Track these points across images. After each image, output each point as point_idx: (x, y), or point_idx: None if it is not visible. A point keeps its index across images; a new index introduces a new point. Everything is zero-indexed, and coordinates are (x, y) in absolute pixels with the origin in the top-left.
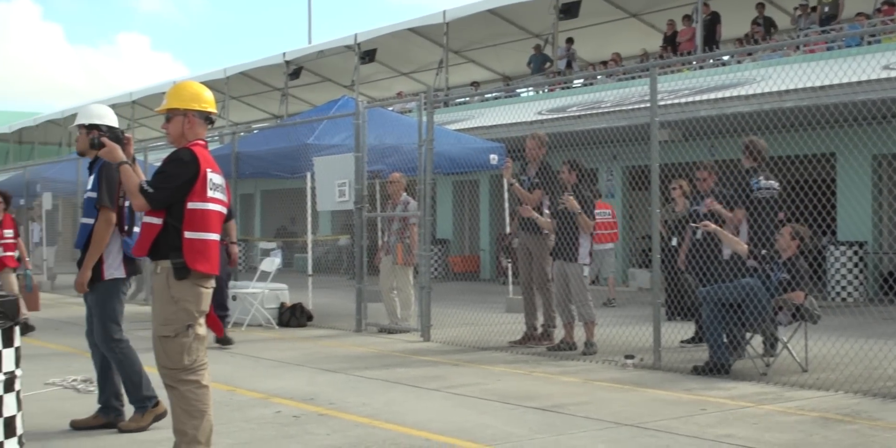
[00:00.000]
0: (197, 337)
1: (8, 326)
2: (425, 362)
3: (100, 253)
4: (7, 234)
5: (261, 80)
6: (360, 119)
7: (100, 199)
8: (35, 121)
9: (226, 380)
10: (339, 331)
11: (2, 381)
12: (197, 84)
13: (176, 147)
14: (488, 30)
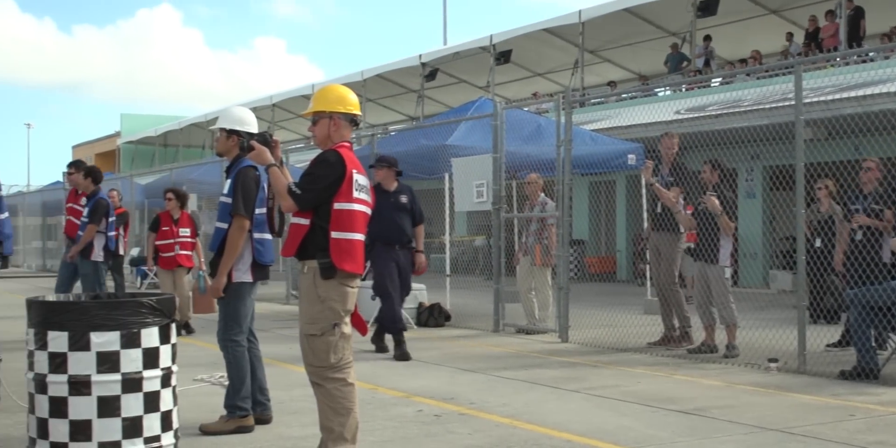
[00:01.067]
0: (343, 335)
1: (165, 324)
2: (564, 363)
3: (234, 259)
4: (183, 233)
5: (397, 82)
6: (498, 120)
7: (234, 206)
8: (179, 124)
9: (367, 378)
10: (476, 331)
11: (159, 376)
12: (342, 87)
13: (322, 149)
14: (624, 29)
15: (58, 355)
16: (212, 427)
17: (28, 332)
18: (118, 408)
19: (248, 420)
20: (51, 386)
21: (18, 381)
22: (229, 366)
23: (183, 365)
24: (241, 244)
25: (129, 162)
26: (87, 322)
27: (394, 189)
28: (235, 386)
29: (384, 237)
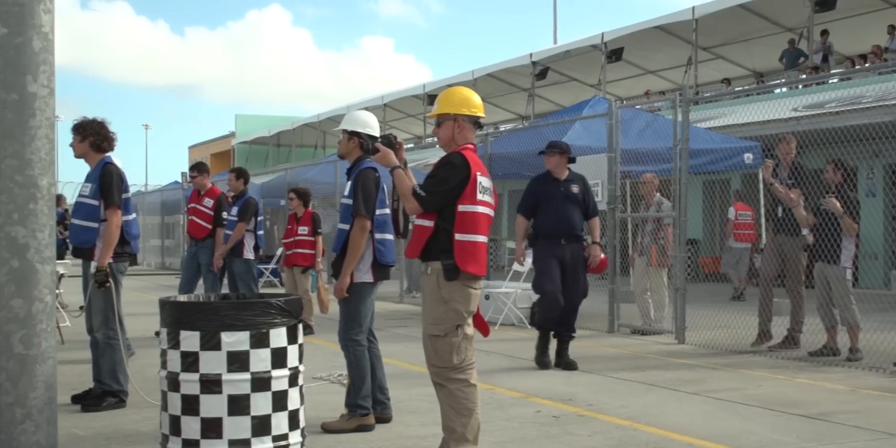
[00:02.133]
0: (465, 336)
1: (292, 324)
2: (681, 365)
3: (356, 259)
4: (301, 231)
5: (507, 81)
6: (612, 119)
7: (355, 207)
8: (292, 124)
9: (484, 378)
10: (591, 331)
11: (287, 376)
12: (466, 89)
13: (446, 151)
14: (739, 25)
15: (190, 354)
16: (333, 425)
17: (161, 332)
18: (248, 406)
19: (369, 419)
20: (183, 384)
21: (143, 377)
22: (350, 365)
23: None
24: (363, 245)
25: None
26: (218, 322)
27: (565, 177)
28: (356, 385)
29: (548, 229)
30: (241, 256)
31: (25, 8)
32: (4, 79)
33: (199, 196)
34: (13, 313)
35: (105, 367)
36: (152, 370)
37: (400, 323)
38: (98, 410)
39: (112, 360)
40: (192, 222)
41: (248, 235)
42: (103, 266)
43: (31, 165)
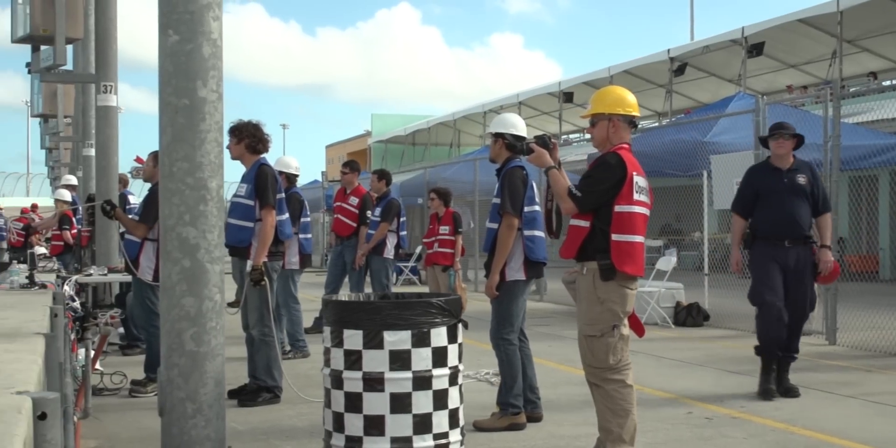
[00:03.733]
0: (622, 337)
1: (452, 324)
2: (834, 367)
3: (504, 257)
4: (442, 231)
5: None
6: (759, 116)
7: (502, 205)
8: (428, 123)
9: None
10: (737, 332)
11: (447, 375)
12: (620, 89)
13: (600, 151)
14: (886, 17)
15: (353, 353)
16: (485, 423)
17: (324, 330)
18: (409, 404)
19: (521, 417)
20: (346, 382)
21: (294, 373)
22: (502, 364)
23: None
24: (511, 243)
25: (380, 160)
26: (381, 321)
27: (789, 166)
28: (508, 384)
29: (769, 229)
30: (381, 255)
31: (195, 15)
32: (176, 84)
33: (344, 194)
34: (185, 311)
35: (260, 364)
36: (304, 366)
37: (541, 321)
38: (254, 406)
39: (267, 356)
40: (338, 220)
41: (390, 235)
42: (258, 265)
43: (202, 168)
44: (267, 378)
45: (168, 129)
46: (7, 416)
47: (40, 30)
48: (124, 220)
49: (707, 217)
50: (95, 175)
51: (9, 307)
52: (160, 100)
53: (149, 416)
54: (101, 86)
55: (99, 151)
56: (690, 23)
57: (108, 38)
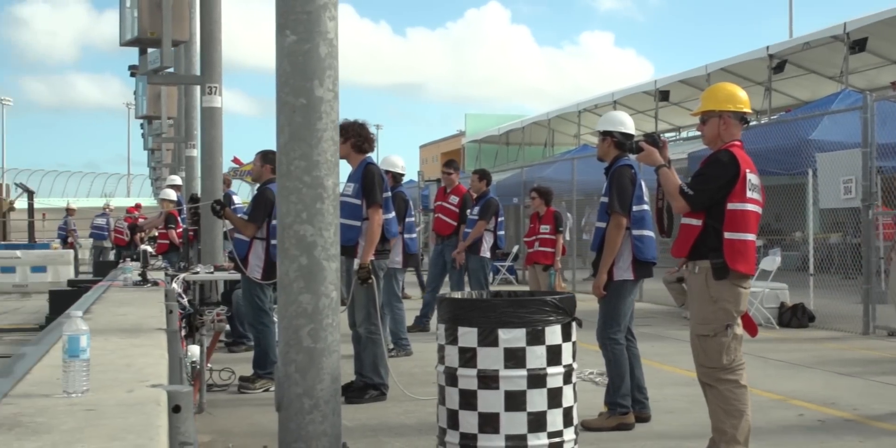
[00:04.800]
0: (735, 337)
1: (567, 322)
2: None
3: (612, 257)
4: (543, 230)
5: (742, 76)
6: (868, 113)
7: (610, 205)
8: (522, 123)
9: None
10: (843, 333)
11: (562, 373)
12: (731, 85)
13: (711, 149)
14: None
15: (467, 350)
16: (594, 423)
17: (438, 327)
18: (524, 402)
19: (629, 417)
20: (461, 379)
21: (399, 371)
22: (609, 364)
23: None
24: (620, 242)
25: (474, 160)
26: (495, 319)
27: None
28: (616, 383)
29: None
30: (478, 254)
31: (312, 15)
32: (294, 84)
33: (445, 194)
34: (302, 308)
35: (367, 361)
36: (407, 364)
37: (643, 321)
38: (361, 402)
39: (374, 354)
40: (438, 220)
41: (487, 234)
42: (366, 263)
43: (318, 166)
44: (374, 375)
45: (285, 128)
46: (148, 408)
47: (148, 33)
48: (233, 219)
49: (811, 216)
50: (200, 175)
51: (126, 304)
52: (277, 99)
53: (259, 412)
54: (205, 87)
55: (204, 152)
56: (789, 19)
57: (212, 40)
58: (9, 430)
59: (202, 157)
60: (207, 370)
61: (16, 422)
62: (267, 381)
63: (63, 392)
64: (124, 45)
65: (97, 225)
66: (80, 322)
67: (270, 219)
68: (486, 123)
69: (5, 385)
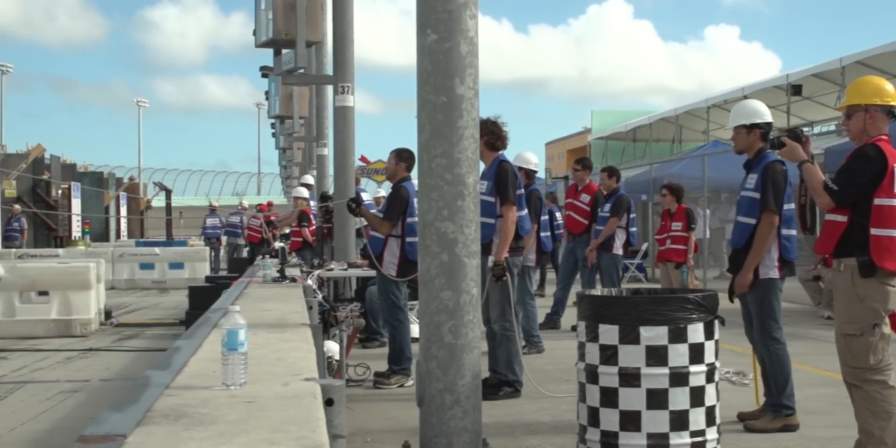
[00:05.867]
0: (883, 336)
1: (709, 320)
2: None
3: (761, 255)
4: (675, 227)
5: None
6: None
7: (763, 202)
8: (649, 119)
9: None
10: None
11: (704, 372)
12: (877, 78)
13: (857, 144)
14: None
15: (609, 347)
16: (758, 425)
17: (578, 324)
18: (666, 401)
19: (794, 419)
20: (602, 376)
21: (532, 368)
22: (772, 364)
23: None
24: (770, 240)
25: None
26: (637, 316)
27: None
28: (780, 384)
29: None
30: (610, 251)
31: (453, 14)
32: (434, 82)
33: (576, 192)
34: (443, 304)
35: (501, 358)
36: (540, 362)
37: None
38: (495, 399)
39: (508, 351)
40: (569, 217)
41: (619, 231)
42: (500, 261)
43: (459, 164)
44: (508, 372)
45: (426, 126)
46: (305, 401)
47: (282, 34)
48: (369, 217)
49: None
50: (333, 173)
51: (267, 299)
52: (419, 97)
53: (396, 407)
54: (338, 87)
55: (337, 150)
56: None
57: (345, 40)
58: (175, 420)
59: (335, 155)
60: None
61: (181, 413)
62: (402, 377)
63: (222, 384)
64: (259, 46)
65: (231, 223)
66: (238, 316)
67: (405, 216)
68: (612, 120)
69: (166, 377)
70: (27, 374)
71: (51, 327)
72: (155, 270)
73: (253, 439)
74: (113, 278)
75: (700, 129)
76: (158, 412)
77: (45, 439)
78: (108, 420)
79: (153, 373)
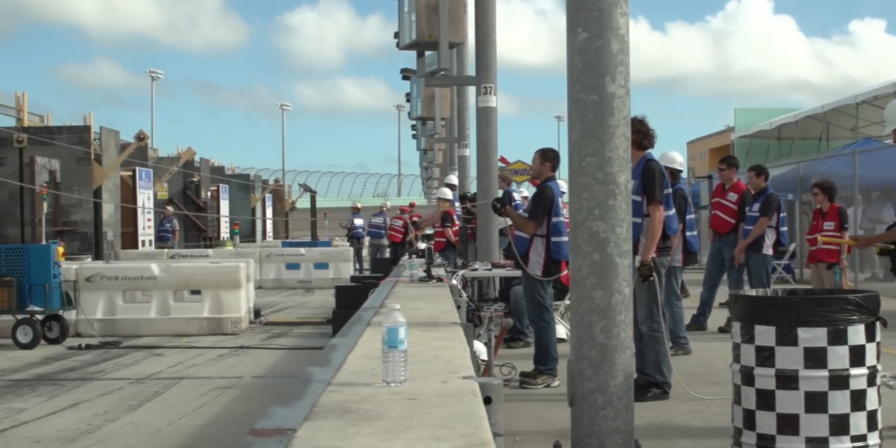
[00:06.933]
0: None
1: (871, 321)
2: None
3: None
4: (827, 227)
5: None
6: None
7: None
8: (794, 116)
9: None
10: None
11: (865, 375)
12: None
13: None
14: None
15: (765, 349)
16: None
17: (733, 325)
18: (825, 404)
19: None
20: (758, 379)
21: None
22: None
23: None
24: None
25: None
26: (794, 317)
27: None
28: None
29: None
30: (760, 251)
31: (604, 12)
32: (585, 81)
33: (723, 190)
34: (594, 304)
35: (649, 359)
36: (688, 363)
37: None
38: (644, 400)
39: (656, 351)
40: (716, 217)
41: (769, 231)
42: (647, 261)
43: (611, 163)
44: (656, 373)
45: (577, 124)
46: (465, 398)
47: (425, 36)
48: (514, 217)
49: None
50: (476, 174)
51: (416, 298)
52: (569, 96)
53: (543, 408)
54: (481, 87)
55: (480, 151)
56: None
57: (487, 40)
58: (341, 416)
59: (478, 156)
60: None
61: (346, 408)
62: (548, 377)
63: (383, 381)
64: (403, 48)
65: (374, 223)
66: (399, 314)
67: (550, 216)
68: (756, 118)
69: (327, 374)
70: (182, 371)
71: (203, 325)
72: (300, 270)
73: (419, 435)
74: (260, 278)
75: (848, 126)
76: (324, 407)
77: (202, 434)
78: (276, 414)
79: (314, 369)
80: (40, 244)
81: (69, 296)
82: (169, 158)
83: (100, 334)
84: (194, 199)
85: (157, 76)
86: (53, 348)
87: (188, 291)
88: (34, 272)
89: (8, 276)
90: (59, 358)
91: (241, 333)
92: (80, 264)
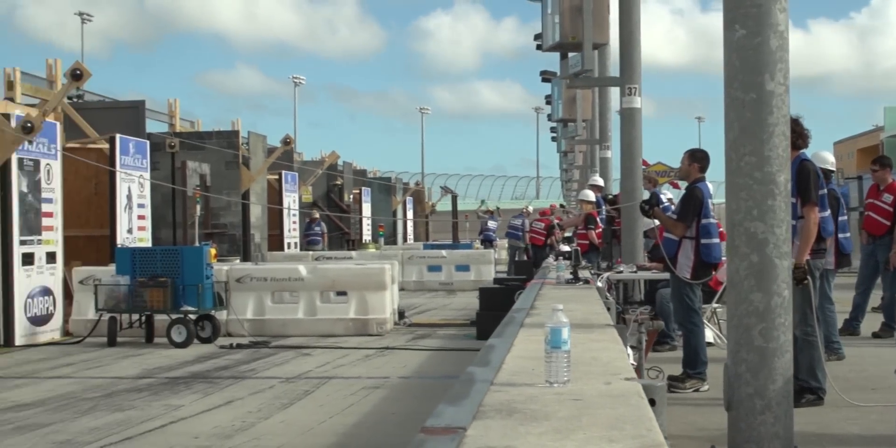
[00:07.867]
0: None
1: None
2: None
3: None
4: None
5: None
6: None
7: None
8: None
9: None
10: None
11: None
12: None
13: None
14: None
15: None
16: None
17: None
18: None
19: None
20: None
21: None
22: None
23: None
24: None
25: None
26: None
27: None
28: None
29: None
30: None
31: (763, 9)
32: (743, 79)
33: (877, 191)
34: (753, 307)
35: (803, 364)
36: (842, 369)
37: None
38: (798, 406)
39: (810, 357)
40: (869, 218)
41: None
42: (801, 263)
43: (769, 162)
44: (810, 379)
45: (734, 123)
46: (632, 400)
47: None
48: (663, 218)
49: None
50: (620, 175)
51: (566, 300)
52: (726, 95)
53: (693, 412)
54: (625, 88)
55: (624, 152)
56: None
57: (632, 41)
58: (508, 415)
59: (621, 157)
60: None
61: (512, 408)
62: (697, 382)
63: (545, 381)
64: (547, 50)
65: (513, 225)
66: (561, 315)
67: (700, 218)
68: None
69: (489, 374)
70: (330, 371)
71: (349, 326)
72: (442, 272)
73: (590, 436)
74: (402, 280)
75: None
76: (490, 407)
77: (353, 432)
78: (444, 413)
79: (475, 369)
80: (194, 246)
81: (220, 296)
82: (313, 162)
83: (249, 334)
84: (338, 201)
85: (299, 82)
86: (206, 347)
87: (334, 292)
88: (188, 273)
89: (163, 277)
90: (211, 357)
91: (386, 334)
92: (231, 266)
